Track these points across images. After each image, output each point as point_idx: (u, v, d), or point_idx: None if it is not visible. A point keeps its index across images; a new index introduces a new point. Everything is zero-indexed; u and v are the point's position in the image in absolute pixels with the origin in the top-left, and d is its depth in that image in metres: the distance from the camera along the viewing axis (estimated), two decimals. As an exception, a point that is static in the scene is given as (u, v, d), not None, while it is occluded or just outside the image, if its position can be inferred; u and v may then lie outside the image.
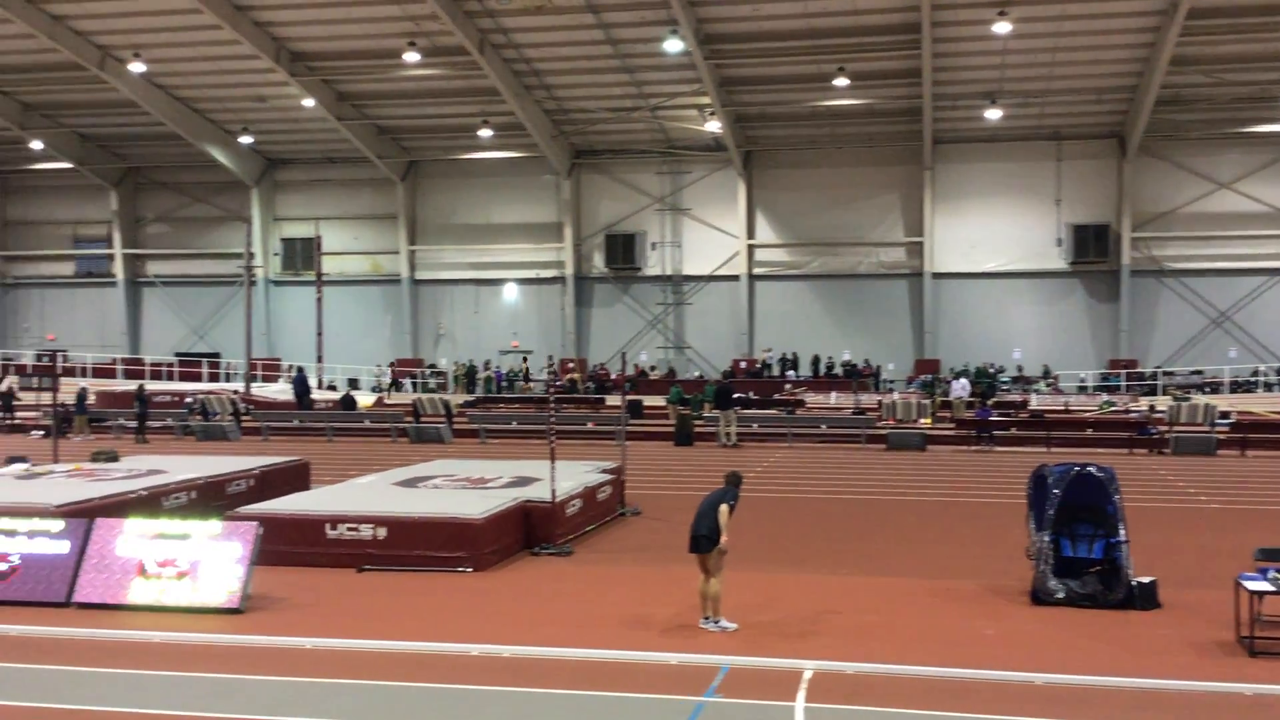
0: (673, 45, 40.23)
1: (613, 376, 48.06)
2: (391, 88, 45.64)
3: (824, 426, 32.20)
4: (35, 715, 8.15)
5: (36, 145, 50.14)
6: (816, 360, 49.70)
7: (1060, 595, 11.41)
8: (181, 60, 43.75)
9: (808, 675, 9.00)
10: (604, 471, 17.94)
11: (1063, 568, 11.67)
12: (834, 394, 43.28)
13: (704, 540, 10.43)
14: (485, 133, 48.06)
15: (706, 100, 44.65)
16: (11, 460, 19.72)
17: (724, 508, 10.43)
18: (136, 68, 43.19)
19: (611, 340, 51.23)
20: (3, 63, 44.35)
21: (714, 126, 46.43)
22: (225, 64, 43.79)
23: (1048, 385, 45.67)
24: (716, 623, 10.41)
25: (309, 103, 45.57)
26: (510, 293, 53.39)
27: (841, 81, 42.10)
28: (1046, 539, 11.62)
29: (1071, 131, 47.22)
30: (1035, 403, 39.60)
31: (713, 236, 50.92)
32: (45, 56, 42.94)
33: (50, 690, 8.68)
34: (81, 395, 33.47)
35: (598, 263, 52.05)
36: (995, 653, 9.77)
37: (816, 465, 25.69)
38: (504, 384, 50.01)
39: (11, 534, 12.02)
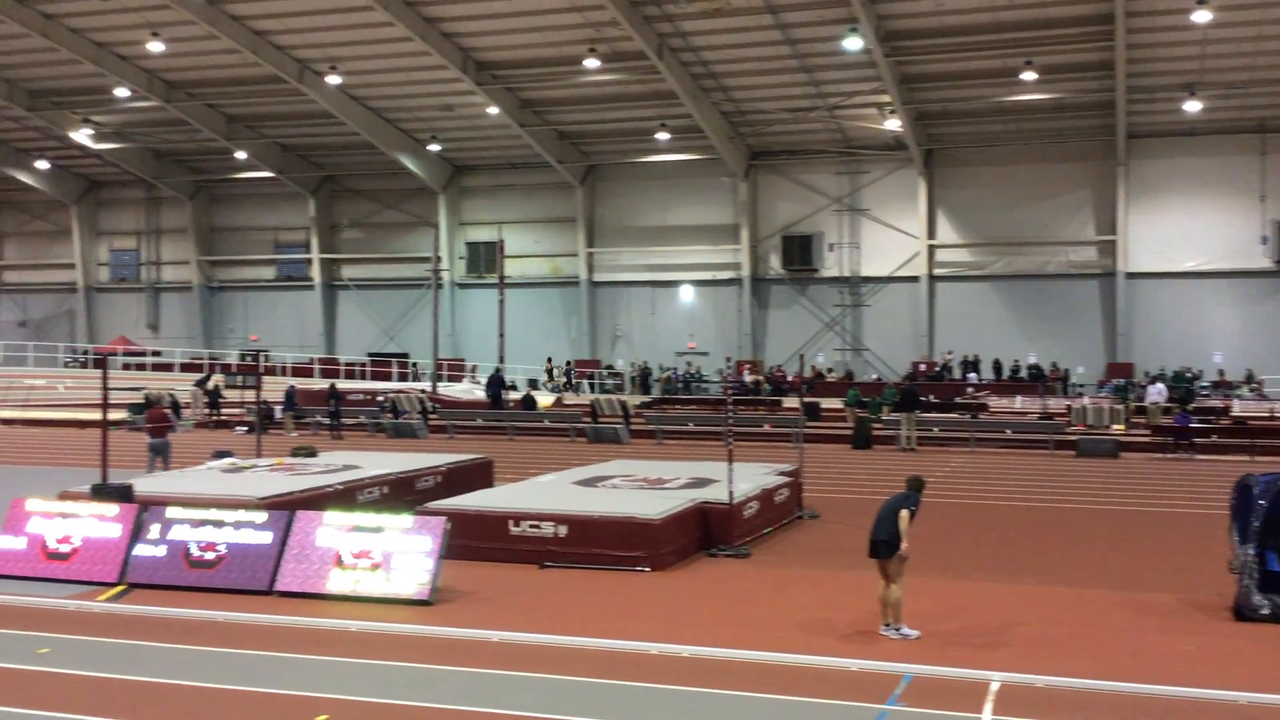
0: (852, 43, 39.74)
1: (789, 378, 47.76)
2: (572, 94, 46.46)
3: (1008, 431, 31.26)
4: (240, 698, 8.61)
5: (241, 155, 52.95)
6: (999, 363, 48.32)
7: (1265, 611, 10.81)
8: (375, 72, 45.52)
9: (995, 687, 8.77)
10: (781, 474, 17.84)
11: (1268, 582, 11.05)
12: (1019, 398, 42.00)
13: (883, 545, 10.27)
14: (662, 136, 48.44)
15: (886, 98, 43.95)
16: (218, 455, 20.86)
17: (904, 513, 10.25)
18: (333, 80, 45.14)
19: (788, 342, 50.94)
20: (211, 77, 46.98)
21: (894, 125, 45.66)
22: (415, 75, 45.36)
23: (1251, 390, 43.27)
24: (898, 630, 10.24)
25: (493, 110, 46.80)
26: (686, 294, 53.65)
27: (1029, 76, 40.84)
28: (1251, 552, 11.02)
29: (1278, 124, 44.62)
30: (1238, 409, 37.55)
31: (892, 237, 50.09)
32: (249, 71, 45.30)
33: (254, 674, 9.14)
34: (290, 393, 35.12)
35: (774, 264, 51.82)
36: (1195, 670, 9.31)
37: (1000, 471, 24.97)
38: (680, 385, 50.30)
39: (220, 525, 12.70)
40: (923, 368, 48.24)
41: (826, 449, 28.49)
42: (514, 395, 42.30)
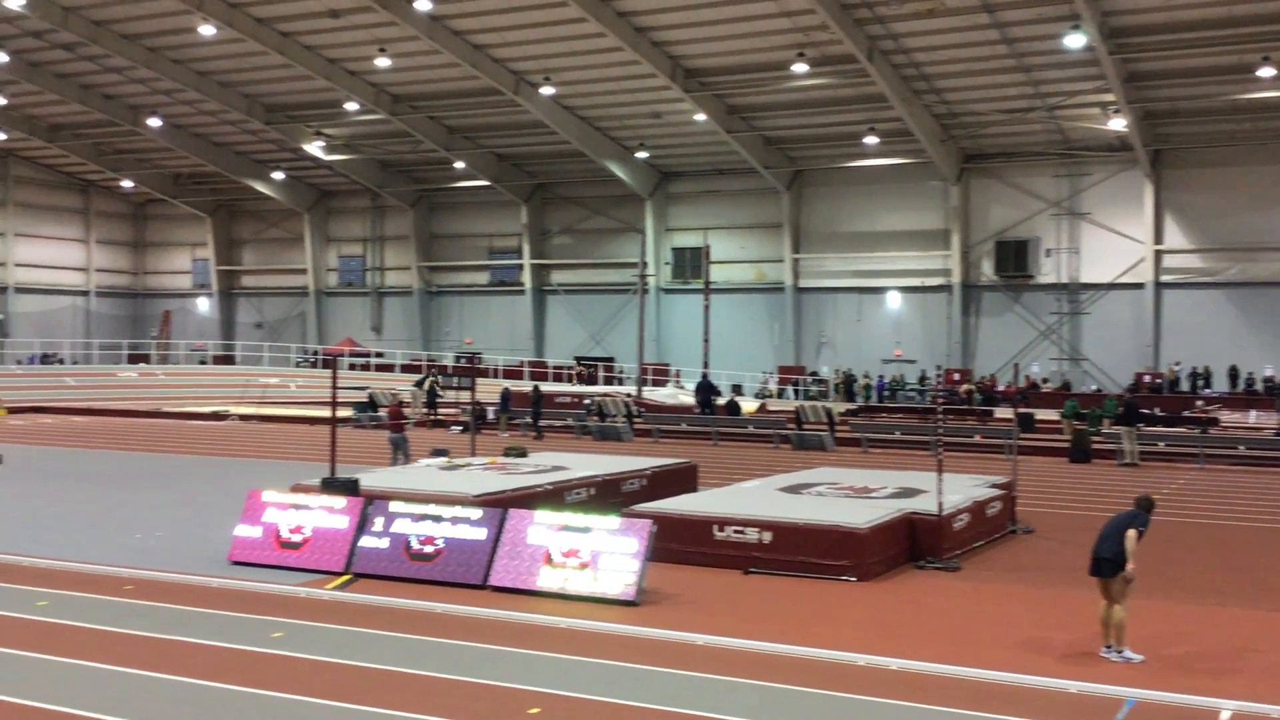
0: (1074, 41, 38.24)
1: (1001, 388, 46.27)
2: (779, 99, 46.31)
3: (1242, 448, 29.40)
4: (457, 688, 8.92)
5: (459, 165, 54.96)
6: (1235, 374, 45.56)
7: None
8: (586, 82, 46.51)
9: (1225, 716, 8.29)
10: (993, 486, 17.31)
11: None
12: (1254, 412, 39.52)
13: (1106, 564, 9.84)
14: (871, 140, 47.74)
15: (1110, 97, 42.10)
16: (435, 453, 21.71)
17: (1131, 533, 9.80)
18: (547, 91, 46.35)
19: (1000, 351, 49.39)
20: (432, 90, 48.94)
21: (1118, 125, 43.70)
22: (625, 84, 46.12)
23: None
24: (1120, 652, 9.79)
25: (700, 117, 47.11)
26: (894, 301, 52.69)
27: (1267, 72, 38.44)
28: None
29: None
30: None
31: (1114, 242, 47.94)
32: (468, 84, 46.98)
33: (469, 665, 9.47)
34: (505, 395, 36.21)
35: (986, 270, 50.34)
36: None
37: (1232, 490, 23.53)
38: (885, 393, 49.41)
39: (438, 520, 13.20)
40: (1147, 379, 45.95)
41: (1041, 462, 27.46)
42: (717, 401, 42.39)
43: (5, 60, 46.13)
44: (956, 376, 48.07)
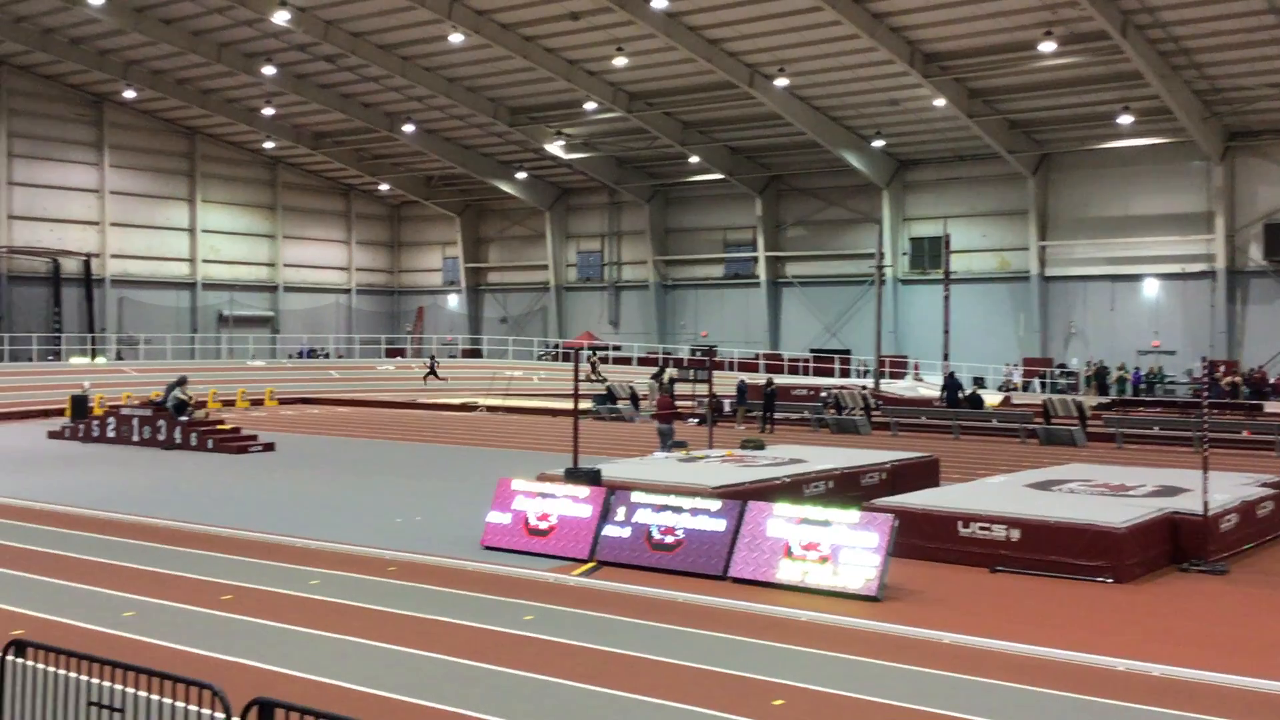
0: (1355, 4, 35.21)
1: (1271, 380, 43.17)
2: (1024, 80, 44.58)
3: None
4: (701, 676, 9.04)
5: (694, 159, 55.44)
6: None
7: None
8: (820, 71, 46.04)
9: None
10: (1265, 485, 16.20)
11: None
12: None
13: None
14: (1125, 119, 45.32)
15: (1398, 64, 38.55)
16: (674, 445, 22.02)
17: None
18: (781, 82, 46.14)
19: (1270, 341, 46.06)
20: (668, 87, 49.54)
21: None
22: (860, 71, 45.39)
23: None
24: None
25: (939, 102, 45.88)
26: (1150, 289, 49.90)
27: None
28: None
29: None
30: None
31: (1403, 221, 43.89)
32: (702, 78, 47.30)
33: (712, 655, 9.57)
34: (741, 388, 36.37)
35: (1254, 255, 47.02)
36: None
37: None
38: (1141, 386, 46.88)
39: (678, 510, 13.40)
40: None
41: (1319, 460, 25.48)
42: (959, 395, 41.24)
43: (273, 73, 49.46)
44: (1221, 368, 45.10)
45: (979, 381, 48.78)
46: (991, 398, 40.95)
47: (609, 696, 8.46)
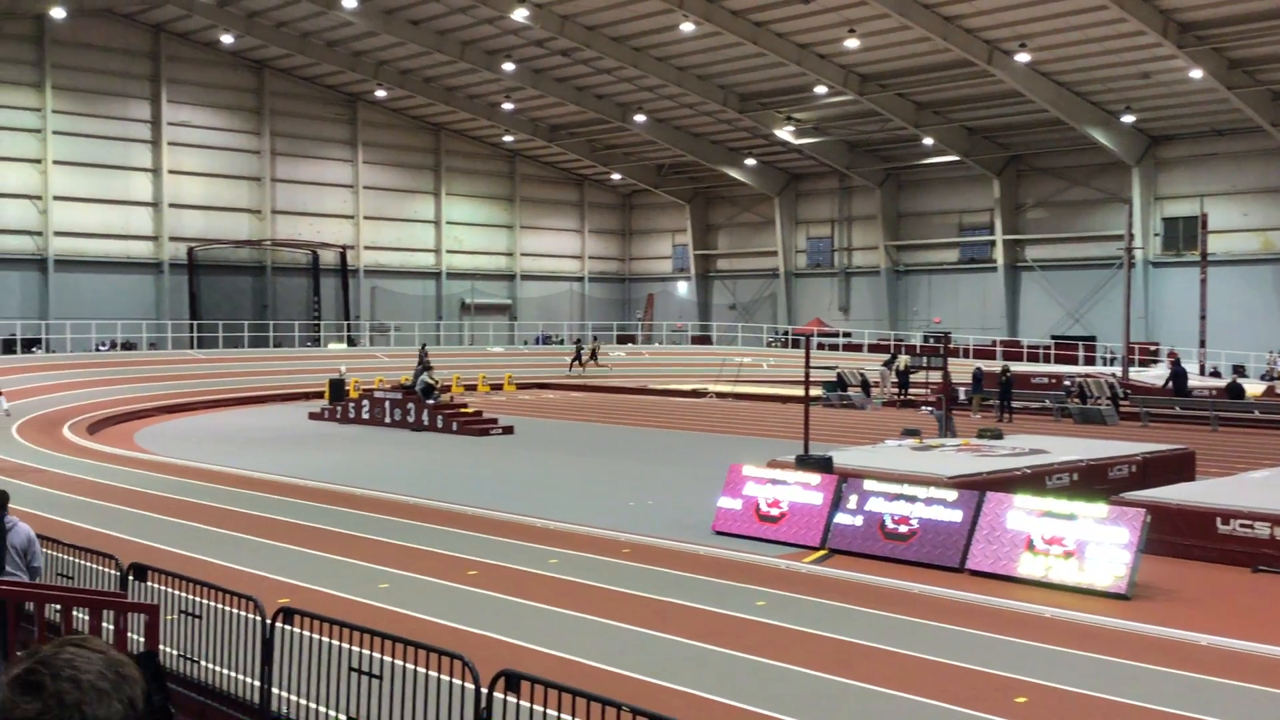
0: None
1: None
2: (1292, 47, 41.39)
3: None
4: (939, 669, 8.85)
5: (928, 141, 54.04)
6: None
7: None
8: (1064, 45, 44.03)
9: None
10: None
11: None
12: None
13: None
14: None
15: None
16: (906, 433, 21.61)
17: None
18: (1022, 58, 44.41)
19: None
20: (901, 67, 48.46)
21: None
22: (1108, 44, 43.17)
23: None
24: None
25: (1195, 74, 43.13)
26: None
27: None
28: None
29: None
30: None
31: None
32: (937, 57, 46.03)
33: (950, 648, 9.36)
34: (977, 375, 35.29)
35: None
36: None
37: None
38: None
39: (912, 500, 13.15)
40: None
41: None
42: (1216, 383, 38.82)
43: (512, 69, 51.10)
44: None
45: (1239, 370, 45.78)
46: (1253, 387, 38.34)
47: (843, 685, 8.41)
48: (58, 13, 44.47)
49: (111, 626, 7.26)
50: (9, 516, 8.73)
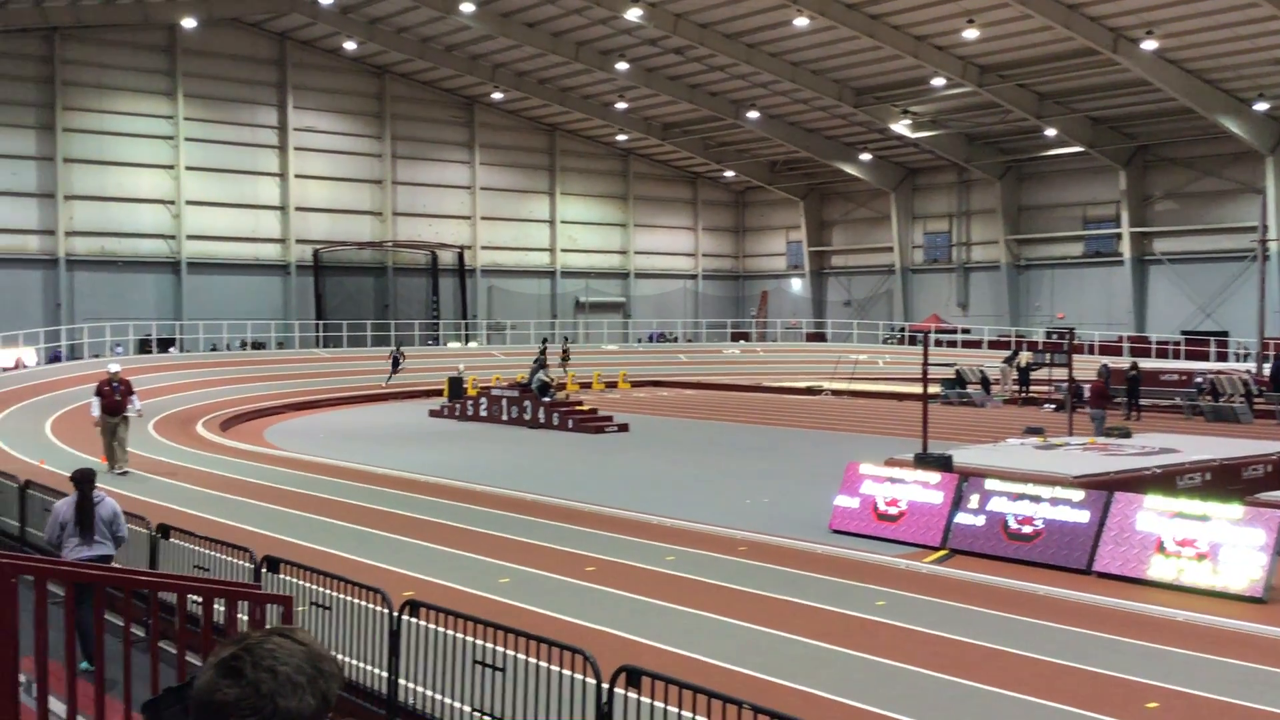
0: None
1: None
2: None
3: None
4: (1066, 673, 8.66)
5: (1050, 133, 52.73)
6: None
7: None
8: (1193, 32, 42.57)
9: None
10: None
11: None
12: None
13: None
14: None
15: None
16: (1029, 431, 21.16)
17: None
18: (1148, 46, 43.08)
19: None
20: (1022, 58, 47.38)
21: None
22: (1240, 30, 41.60)
23: None
24: None
25: (1335, 57, 41.34)
26: None
27: None
28: None
29: None
30: None
31: None
32: (1059, 46, 44.88)
33: (1077, 651, 9.14)
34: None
35: None
36: None
37: None
38: None
39: (1036, 500, 12.87)
40: None
41: None
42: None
43: (626, 69, 51.34)
44: None
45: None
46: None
47: (967, 688, 8.29)
48: (188, 23, 46.23)
49: (245, 617, 7.52)
50: (96, 491, 9.68)
